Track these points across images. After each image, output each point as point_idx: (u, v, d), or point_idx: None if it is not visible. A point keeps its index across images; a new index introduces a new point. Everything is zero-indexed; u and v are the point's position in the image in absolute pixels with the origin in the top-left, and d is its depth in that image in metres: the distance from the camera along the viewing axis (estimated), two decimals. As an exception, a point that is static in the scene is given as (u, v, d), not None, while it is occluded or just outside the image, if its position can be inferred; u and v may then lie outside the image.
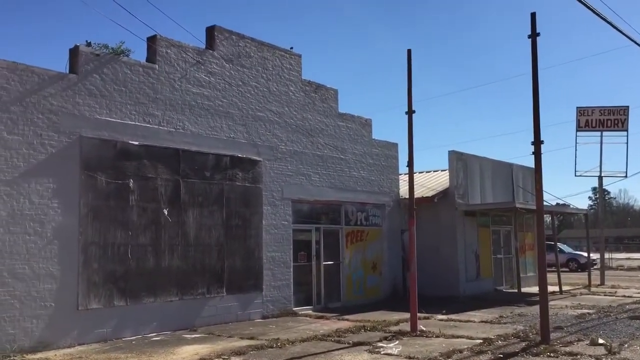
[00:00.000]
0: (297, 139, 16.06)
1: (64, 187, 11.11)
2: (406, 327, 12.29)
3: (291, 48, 16.18)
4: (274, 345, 10.60)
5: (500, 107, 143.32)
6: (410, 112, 12.70)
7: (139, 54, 12.87)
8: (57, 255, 10.89)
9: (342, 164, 17.47)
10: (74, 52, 11.58)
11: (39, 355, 9.96)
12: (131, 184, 12.18)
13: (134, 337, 11.62)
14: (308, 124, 16.44)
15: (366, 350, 10.12)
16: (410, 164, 12.58)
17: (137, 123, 12.38)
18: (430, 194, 20.09)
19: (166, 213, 12.77)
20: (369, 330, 12.32)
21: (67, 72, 11.48)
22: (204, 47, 13.99)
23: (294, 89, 16.14)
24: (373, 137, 18.85)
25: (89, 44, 11.77)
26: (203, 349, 10.40)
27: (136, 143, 12.32)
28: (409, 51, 12.74)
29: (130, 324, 11.83)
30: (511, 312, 14.93)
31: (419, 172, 23.22)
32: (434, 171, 24.17)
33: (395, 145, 19.76)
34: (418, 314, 12.24)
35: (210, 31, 14.19)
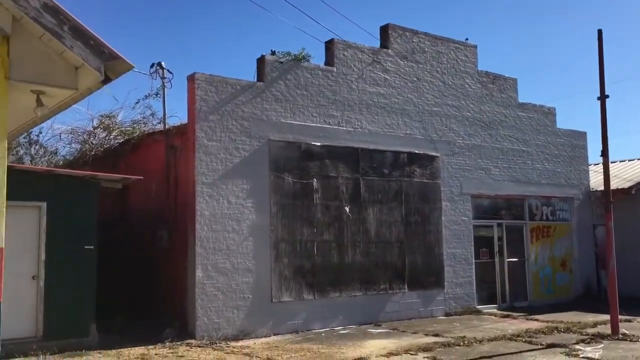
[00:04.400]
0: (475, 132, 15.61)
1: (256, 187, 11.96)
2: (605, 329, 11.36)
3: (466, 39, 15.77)
4: (461, 343, 10.41)
5: None
6: (602, 97, 11.70)
7: (318, 58, 13.42)
8: (252, 251, 11.76)
9: (524, 156, 16.63)
10: (260, 61, 12.40)
11: (240, 343, 10.82)
12: (315, 183, 12.74)
13: (323, 330, 12.14)
14: (486, 116, 15.90)
15: (562, 353, 9.53)
16: (604, 153, 11.60)
17: (318, 124, 12.91)
18: (626, 185, 18.30)
19: (348, 210, 13.16)
20: (563, 332, 11.59)
21: (255, 80, 12.33)
22: (378, 46, 14.18)
23: (470, 81, 15.71)
24: (557, 127, 17.68)
25: (273, 53, 12.53)
26: (389, 343, 10.55)
27: (318, 144, 12.85)
28: (600, 31, 11.75)
29: (318, 317, 12.38)
30: None
31: (612, 162, 21.27)
32: (629, 160, 21.99)
33: (583, 134, 18.35)
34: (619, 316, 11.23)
35: (385, 30, 14.34)
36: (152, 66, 13.31)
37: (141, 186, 12.92)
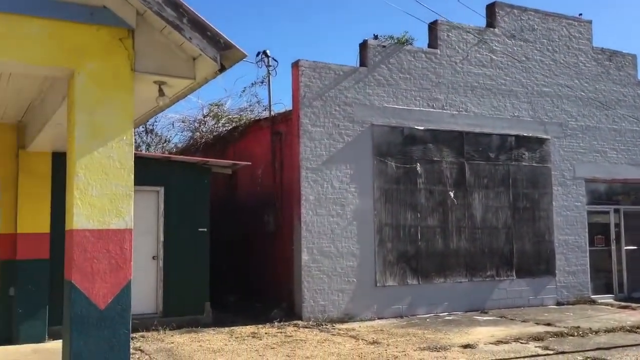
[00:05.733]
0: (589, 112, 14.75)
1: (359, 172, 12.02)
2: None
3: (580, 15, 14.89)
4: (575, 334, 9.96)
5: None
6: None
7: (421, 41, 13.22)
8: (356, 235, 11.86)
9: (644, 138, 15.52)
10: (363, 46, 12.40)
11: (345, 325, 10.99)
12: (418, 168, 12.61)
13: (427, 315, 12.06)
14: (602, 96, 14.97)
15: (689, 348, 8.87)
16: None
17: (421, 108, 12.74)
18: None
19: (452, 195, 12.92)
20: (690, 326, 10.77)
21: (358, 65, 12.35)
22: (484, 25, 13.72)
23: (584, 59, 14.83)
24: (683, 105, 16.30)
25: (376, 37, 12.48)
26: (498, 331, 10.30)
27: (421, 128, 12.69)
28: None
29: (423, 303, 12.30)
30: None
31: None
32: None
33: None
34: None
35: (491, 8, 13.85)
36: (257, 55, 13.68)
37: (248, 171, 13.38)
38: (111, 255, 4.84)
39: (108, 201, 4.84)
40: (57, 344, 8.70)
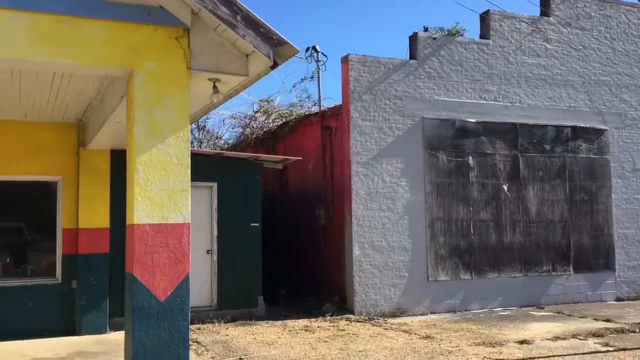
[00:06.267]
0: (650, 102, 14.18)
1: (410, 166, 11.93)
2: None
3: (639, 1, 14.32)
4: (637, 330, 9.63)
5: None
6: None
7: (472, 32, 13.00)
8: (408, 230, 11.79)
9: None
10: (413, 39, 12.28)
11: (397, 320, 10.95)
12: (470, 161, 12.42)
13: (481, 311, 11.88)
14: (664, 84, 14.36)
15: None
16: None
17: (473, 100, 12.53)
18: None
19: (506, 189, 12.68)
20: None
21: (408, 58, 12.24)
22: (538, 14, 13.37)
23: (644, 46, 14.25)
24: None
25: (426, 29, 12.34)
26: (555, 327, 10.06)
27: (473, 120, 12.48)
28: None
29: (476, 297, 12.13)
30: None
31: None
32: None
33: None
34: None
35: (545, -4, 13.48)
36: (307, 50, 13.72)
37: (299, 166, 13.48)
38: (170, 249, 4.98)
39: (166, 196, 4.98)
40: (118, 335, 9.04)
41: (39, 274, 9.63)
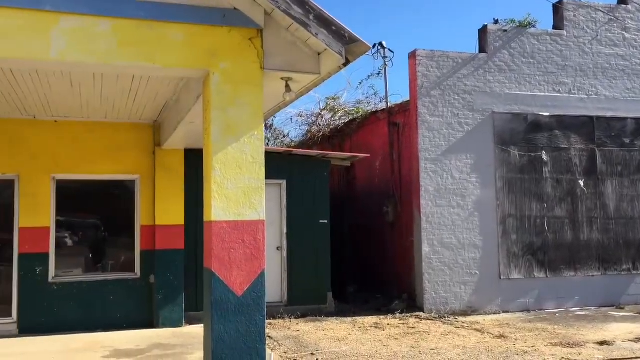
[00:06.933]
0: None
1: (480, 162, 11.69)
2: None
3: None
4: None
5: None
6: None
7: (545, 23, 12.58)
8: (478, 227, 11.56)
9: None
10: (482, 32, 12.01)
11: (468, 318, 10.77)
12: (544, 156, 12.04)
13: (556, 310, 11.51)
14: None
15: None
16: None
17: (546, 94, 12.14)
18: None
19: (582, 184, 12.22)
20: None
21: (477, 52, 11.99)
22: (615, 2, 12.80)
23: None
24: None
25: (496, 22, 12.05)
26: (637, 328, 9.62)
27: (546, 114, 12.10)
28: None
29: (551, 297, 11.75)
30: None
31: None
32: None
33: None
34: None
35: (623, -17, 12.89)
36: (374, 46, 13.65)
37: (366, 163, 13.46)
38: (246, 245, 5.10)
39: (242, 194, 5.10)
40: (194, 329, 9.32)
41: (118, 269, 10.06)
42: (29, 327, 9.21)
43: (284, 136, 20.00)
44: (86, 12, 4.71)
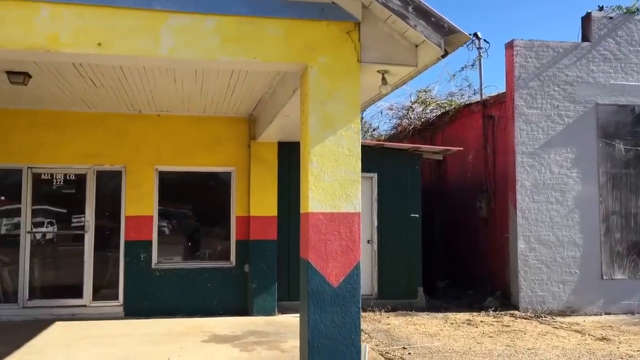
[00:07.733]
0: None
1: (581, 156, 11.15)
2: None
3: None
4: None
5: None
6: None
7: (656, 7, 11.75)
8: (578, 224, 11.04)
9: None
10: (586, 20, 11.42)
11: (567, 319, 10.32)
12: (653, 150, 11.31)
13: (664, 314, 10.82)
14: None
15: None
16: None
17: (656, 83, 11.38)
18: None
19: (696, 180, 11.36)
20: None
21: (580, 41, 11.42)
22: None
23: None
24: None
25: (601, 9, 11.42)
26: None
27: (656, 105, 11.35)
28: None
29: (659, 300, 11.06)
30: None
31: None
32: None
33: None
34: None
35: None
36: (468, 37, 13.30)
37: (458, 156, 13.18)
38: (342, 237, 5.14)
39: (338, 186, 5.14)
40: (286, 318, 9.54)
41: (215, 257, 10.45)
42: (133, 310, 9.78)
43: (374, 129, 19.94)
44: (192, 10, 4.91)
